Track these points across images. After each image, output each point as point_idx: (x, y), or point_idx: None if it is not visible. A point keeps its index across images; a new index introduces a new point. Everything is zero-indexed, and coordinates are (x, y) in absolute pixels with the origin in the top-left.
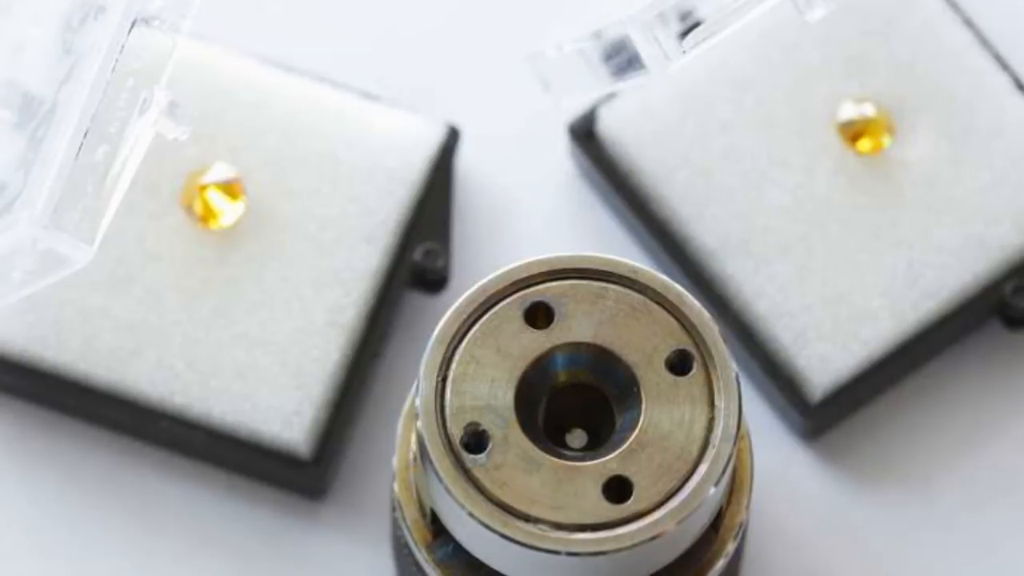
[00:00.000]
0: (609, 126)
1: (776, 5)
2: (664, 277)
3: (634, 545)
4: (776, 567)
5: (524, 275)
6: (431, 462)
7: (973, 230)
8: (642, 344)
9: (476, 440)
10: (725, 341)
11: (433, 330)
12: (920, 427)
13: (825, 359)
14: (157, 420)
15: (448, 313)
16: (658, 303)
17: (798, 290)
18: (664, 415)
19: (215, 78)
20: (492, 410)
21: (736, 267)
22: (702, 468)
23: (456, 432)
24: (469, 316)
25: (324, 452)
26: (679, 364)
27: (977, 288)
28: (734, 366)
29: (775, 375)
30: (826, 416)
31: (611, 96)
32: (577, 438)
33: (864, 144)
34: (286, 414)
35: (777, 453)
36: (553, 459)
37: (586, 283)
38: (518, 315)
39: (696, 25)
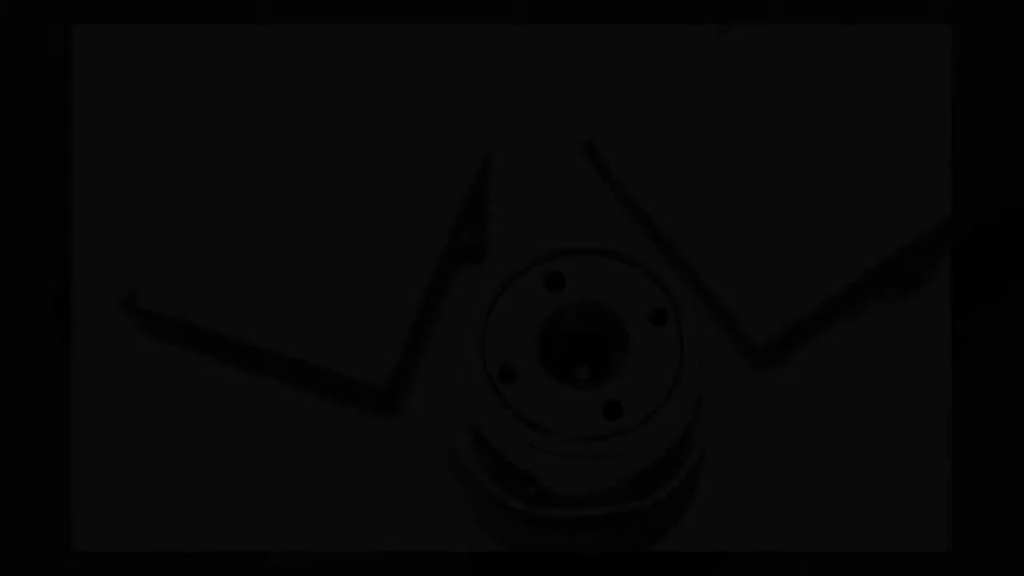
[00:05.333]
0: (613, 144)
1: None
2: (649, 253)
3: (624, 452)
4: (728, 468)
5: (545, 252)
6: (476, 390)
7: (879, 215)
8: (632, 303)
9: (508, 374)
10: (691, 303)
11: (476, 292)
12: (839, 366)
13: (769, 309)
14: (264, 356)
15: (486, 280)
16: (643, 273)
17: (747, 256)
18: (648, 356)
19: None
20: (520, 351)
21: (700, 246)
22: (676, 395)
23: (493, 369)
24: (503, 282)
25: (397, 381)
26: (657, 318)
27: (882, 261)
28: (697, 319)
29: (729, 324)
30: (769, 356)
31: (614, 121)
32: (583, 373)
33: None
34: (367, 350)
35: (731, 384)
36: (566, 387)
37: (592, 258)
38: (540, 281)
39: None
